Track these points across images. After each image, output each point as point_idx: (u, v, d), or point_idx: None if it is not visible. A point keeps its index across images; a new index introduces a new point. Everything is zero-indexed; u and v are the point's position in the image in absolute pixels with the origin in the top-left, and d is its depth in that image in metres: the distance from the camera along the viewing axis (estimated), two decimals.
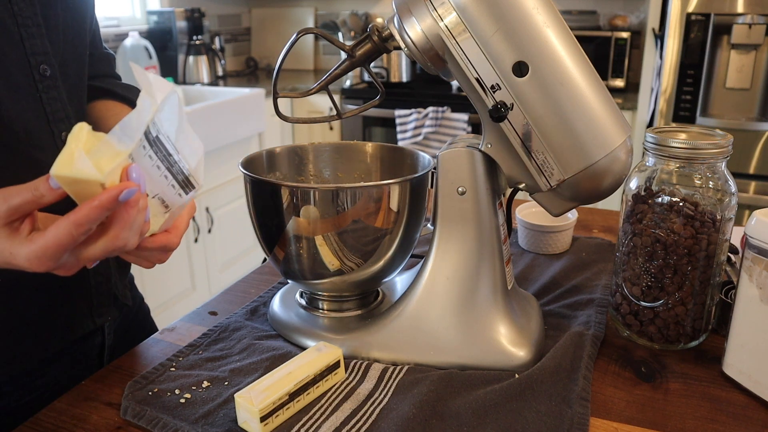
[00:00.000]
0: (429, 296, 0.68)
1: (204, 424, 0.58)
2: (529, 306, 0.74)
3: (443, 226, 0.68)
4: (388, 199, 0.66)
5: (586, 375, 0.64)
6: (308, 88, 0.69)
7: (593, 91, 0.60)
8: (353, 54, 0.66)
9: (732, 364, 0.65)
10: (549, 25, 0.59)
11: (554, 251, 0.97)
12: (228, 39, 3.51)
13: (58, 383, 0.72)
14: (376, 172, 0.82)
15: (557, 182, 0.62)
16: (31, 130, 0.63)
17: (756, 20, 2.08)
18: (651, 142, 0.67)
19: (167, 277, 2.28)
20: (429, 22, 0.60)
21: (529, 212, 1.02)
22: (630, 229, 0.70)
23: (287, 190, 0.65)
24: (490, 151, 0.65)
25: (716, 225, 0.66)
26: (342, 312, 0.75)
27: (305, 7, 3.60)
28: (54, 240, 0.46)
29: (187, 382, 0.64)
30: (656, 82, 2.34)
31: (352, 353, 0.69)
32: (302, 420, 0.58)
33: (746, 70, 2.17)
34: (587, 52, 0.61)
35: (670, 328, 0.69)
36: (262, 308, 0.80)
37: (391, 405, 0.60)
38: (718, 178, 0.66)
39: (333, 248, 0.67)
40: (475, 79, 0.60)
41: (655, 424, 0.59)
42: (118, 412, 0.61)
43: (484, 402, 0.60)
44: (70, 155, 0.45)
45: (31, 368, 0.70)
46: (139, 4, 2.97)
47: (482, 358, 0.66)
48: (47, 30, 0.64)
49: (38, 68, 0.63)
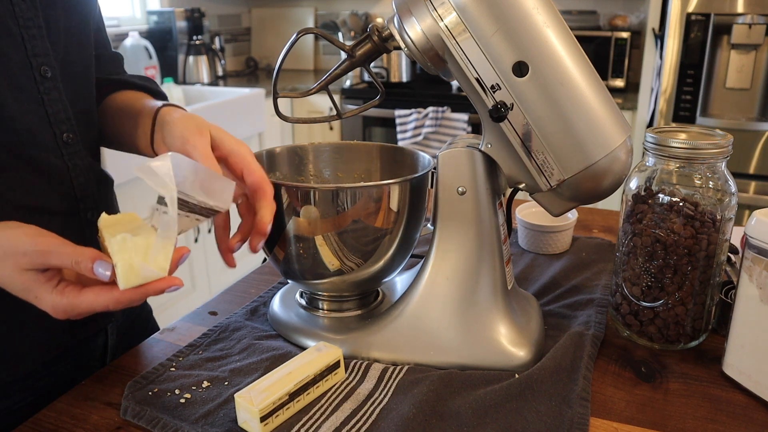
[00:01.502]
0: (429, 296, 0.68)
1: (204, 424, 0.58)
2: (529, 306, 0.74)
3: (443, 226, 0.68)
4: (388, 199, 0.66)
5: (586, 375, 0.64)
6: (308, 88, 0.69)
7: (593, 91, 0.60)
8: (353, 54, 0.66)
9: (732, 364, 0.65)
10: (549, 25, 0.59)
11: (554, 251, 0.97)
12: (228, 39, 3.51)
13: (61, 384, 0.72)
14: (376, 172, 0.82)
15: (557, 182, 0.62)
16: (33, 132, 0.63)
17: (756, 20, 2.08)
18: (651, 142, 0.67)
19: None
20: (429, 22, 0.60)
21: (529, 212, 1.02)
22: (630, 229, 0.70)
23: (287, 190, 0.65)
24: (490, 151, 0.65)
25: (716, 225, 0.66)
26: (342, 312, 0.75)
27: (305, 7, 3.60)
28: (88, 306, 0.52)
29: (187, 382, 0.64)
30: (656, 82, 2.34)
31: (352, 353, 0.69)
32: (302, 420, 0.58)
33: (746, 70, 2.17)
34: (587, 52, 0.61)
35: (670, 328, 0.69)
36: (262, 308, 0.80)
37: (391, 405, 0.60)
38: (718, 178, 0.66)
39: (333, 248, 0.67)
40: (475, 79, 0.60)
41: (655, 424, 0.59)
42: (118, 412, 0.61)
43: (484, 402, 0.60)
44: (130, 267, 0.51)
45: (34, 369, 0.70)
46: (139, 4, 2.97)
47: (482, 358, 0.66)
48: (48, 31, 0.64)
49: (39, 69, 0.63)
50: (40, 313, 0.66)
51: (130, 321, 0.85)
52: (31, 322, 0.67)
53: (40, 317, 0.67)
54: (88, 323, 0.74)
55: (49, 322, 0.68)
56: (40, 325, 0.68)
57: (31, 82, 0.62)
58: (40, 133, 0.64)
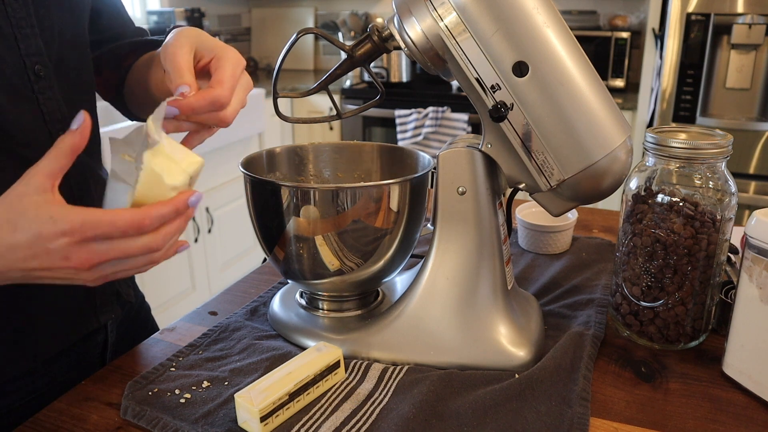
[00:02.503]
0: (429, 296, 0.68)
1: (204, 424, 0.58)
2: (529, 306, 0.74)
3: (443, 226, 0.68)
4: (388, 199, 0.66)
5: (586, 375, 0.64)
6: (308, 88, 0.69)
7: (593, 91, 0.60)
8: (353, 54, 0.66)
9: (732, 364, 0.65)
10: (549, 25, 0.59)
11: (554, 251, 0.97)
12: (228, 39, 3.51)
13: (60, 382, 0.72)
14: (376, 172, 0.82)
15: (557, 182, 0.62)
16: (27, 131, 0.63)
17: (756, 20, 2.08)
18: (651, 142, 0.67)
19: (167, 277, 2.28)
20: (429, 22, 0.60)
21: (529, 212, 1.02)
22: (630, 229, 0.70)
23: (287, 190, 0.65)
24: (490, 151, 0.65)
25: (716, 225, 0.66)
26: (342, 312, 0.75)
27: (305, 7, 3.60)
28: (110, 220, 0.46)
29: (187, 382, 0.64)
30: (656, 82, 2.34)
31: (352, 353, 0.69)
32: (302, 420, 0.58)
33: (746, 70, 2.17)
34: (587, 52, 0.61)
35: (670, 328, 0.69)
36: (262, 308, 0.80)
37: (391, 405, 0.60)
38: (718, 178, 0.66)
39: (333, 248, 0.67)
40: (475, 79, 0.60)
41: (655, 424, 0.59)
42: (118, 412, 0.61)
43: (484, 402, 0.60)
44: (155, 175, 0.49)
45: (34, 368, 0.70)
46: (139, 4, 2.97)
47: (482, 358, 0.66)
48: (41, 30, 0.63)
49: (33, 69, 0.62)
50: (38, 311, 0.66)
51: (129, 319, 0.86)
52: (29, 321, 0.67)
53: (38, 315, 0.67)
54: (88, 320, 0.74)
55: (47, 320, 0.68)
56: (38, 324, 0.68)
57: (26, 82, 0.62)
58: (35, 132, 0.64)
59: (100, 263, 0.48)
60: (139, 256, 0.49)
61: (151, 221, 0.48)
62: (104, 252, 0.48)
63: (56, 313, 0.70)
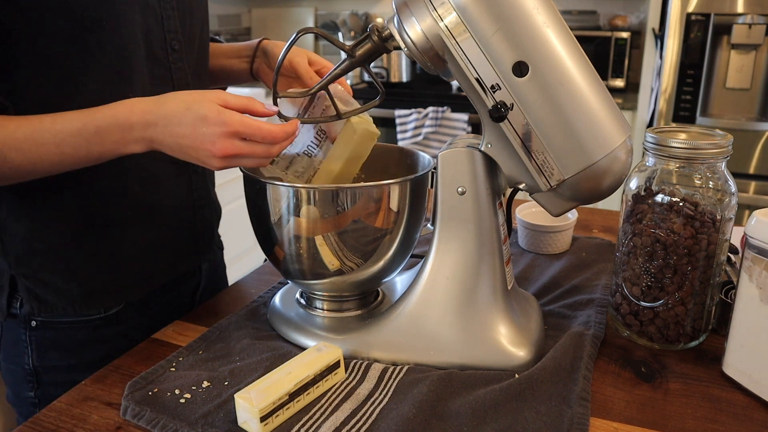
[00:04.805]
0: (429, 296, 0.68)
1: (204, 424, 0.58)
2: (529, 306, 0.74)
3: (443, 226, 0.68)
4: (388, 199, 0.66)
5: (586, 375, 0.64)
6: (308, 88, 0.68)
7: (593, 91, 0.60)
8: (353, 54, 0.66)
9: (732, 364, 0.65)
10: (549, 25, 0.59)
11: (554, 251, 0.97)
12: (228, 39, 3.51)
13: (159, 320, 0.80)
14: (377, 172, 0.82)
15: (557, 182, 0.62)
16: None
17: (756, 20, 2.08)
18: (651, 142, 0.67)
19: None
20: (429, 22, 0.60)
21: (529, 212, 1.02)
22: (630, 229, 0.70)
23: (287, 190, 0.65)
24: (490, 151, 0.65)
25: (716, 225, 0.66)
26: (342, 312, 0.75)
27: (305, 7, 3.60)
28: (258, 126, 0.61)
29: (187, 382, 0.64)
30: (656, 82, 2.34)
31: (352, 353, 0.69)
32: (302, 420, 0.58)
33: (746, 70, 2.17)
34: (587, 52, 0.61)
35: (670, 328, 0.69)
36: (262, 308, 0.80)
37: (391, 405, 0.60)
38: (718, 178, 0.66)
39: (333, 248, 0.67)
40: (475, 79, 0.60)
41: (655, 424, 0.59)
42: (118, 412, 0.61)
43: (484, 402, 0.60)
44: None
45: (139, 299, 0.81)
46: None
47: (482, 358, 0.66)
48: (179, 12, 0.77)
49: (171, 43, 0.76)
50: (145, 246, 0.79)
51: (213, 268, 0.96)
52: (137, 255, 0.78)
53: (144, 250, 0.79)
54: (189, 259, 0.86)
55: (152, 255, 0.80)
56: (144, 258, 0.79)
57: (164, 54, 0.76)
58: None
59: (234, 155, 0.61)
60: (257, 158, 0.63)
61: (284, 135, 0.63)
62: (241, 148, 0.61)
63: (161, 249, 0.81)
